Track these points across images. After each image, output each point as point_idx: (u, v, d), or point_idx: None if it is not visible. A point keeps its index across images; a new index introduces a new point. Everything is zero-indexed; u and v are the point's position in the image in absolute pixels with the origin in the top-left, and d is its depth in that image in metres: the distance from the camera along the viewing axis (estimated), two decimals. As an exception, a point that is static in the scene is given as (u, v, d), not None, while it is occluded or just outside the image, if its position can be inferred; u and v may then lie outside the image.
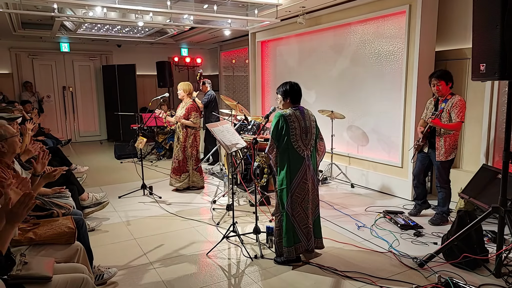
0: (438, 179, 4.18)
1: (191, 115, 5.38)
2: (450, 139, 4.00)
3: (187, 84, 5.55)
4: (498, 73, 2.65)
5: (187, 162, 5.48)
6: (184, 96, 5.50)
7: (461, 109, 3.91)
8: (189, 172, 5.51)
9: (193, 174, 5.54)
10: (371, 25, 5.64)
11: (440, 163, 4.08)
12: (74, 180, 4.35)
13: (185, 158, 5.48)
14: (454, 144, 4.04)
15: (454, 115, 3.93)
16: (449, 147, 4.01)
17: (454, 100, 3.97)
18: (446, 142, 4.01)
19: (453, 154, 4.06)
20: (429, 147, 4.17)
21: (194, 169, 5.49)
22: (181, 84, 5.54)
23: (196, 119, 5.39)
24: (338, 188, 5.78)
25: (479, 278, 3.00)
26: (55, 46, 10.04)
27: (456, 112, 3.91)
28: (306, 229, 3.26)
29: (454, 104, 3.94)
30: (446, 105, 4.00)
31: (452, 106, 3.95)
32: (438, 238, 3.74)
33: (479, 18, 2.80)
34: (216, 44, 11.07)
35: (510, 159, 2.82)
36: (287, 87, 3.28)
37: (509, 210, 2.85)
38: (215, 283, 3.02)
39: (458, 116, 3.91)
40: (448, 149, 4.02)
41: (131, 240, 3.89)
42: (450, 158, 4.05)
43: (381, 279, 3.02)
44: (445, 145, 4.01)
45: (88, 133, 10.94)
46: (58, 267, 2.11)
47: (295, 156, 3.19)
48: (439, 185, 4.17)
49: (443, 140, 4.01)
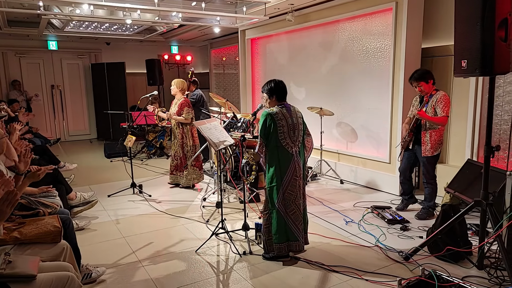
0: (424, 175, 4.23)
1: (183, 110, 5.37)
2: (436, 134, 4.06)
3: (182, 81, 5.56)
4: (479, 69, 2.70)
5: (186, 158, 5.50)
6: (176, 92, 5.50)
7: (445, 104, 3.99)
8: (188, 169, 5.52)
9: (193, 170, 5.53)
10: (359, 22, 5.68)
11: (426, 158, 4.13)
12: (61, 179, 4.33)
13: (185, 155, 5.51)
14: (439, 139, 4.09)
15: (439, 109, 3.99)
16: (435, 142, 4.07)
17: (438, 95, 4.04)
18: (432, 137, 4.07)
19: (438, 149, 4.11)
20: (415, 143, 4.23)
21: (191, 165, 5.48)
22: (175, 80, 5.55)
23: (188, 115, 5.36)
24: (327, 184, 5.83)
25: (462, 270, 3.06)
26: (43, 44, 9.94)
27: (441, 107, 3.98)
28: (301, 226, 3.29)
29: (439, 99, 4.01)
30: (431, 100, 4.07)
31: (436, 101, 4.02)
32: (424, 232, 3.80)
33: (461, 15, 2.84)
34: (206, 42, 11.04)
35: (492, 153, 2.88)
36: (272, 85, 3.30)
37: (491, 203, 2.91)
38: (204, 280, 3.04)
39: (443, 111, 3.98)
40: (434, 145, 4.07)
41: (120, 239, 3.89)
42: (436, 154, 4.11)
43: (367, 272, 3.07)
44: (431, 140, 4.07)
45: (78, 132, 10.86)
46: (43, 266, 2.11)
47: (284, 154, 3.22)
48: (426, 181, 4.23)
49: (429, 135, 4.07)
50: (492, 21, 2.62)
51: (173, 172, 5.65)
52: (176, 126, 5.51)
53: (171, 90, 5.57)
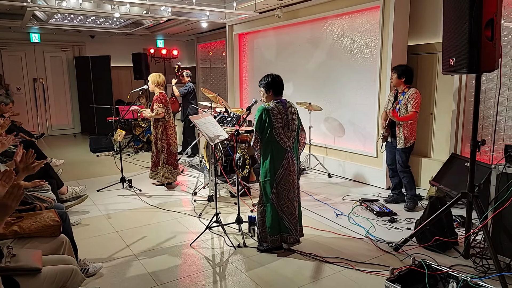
0: (400, 164, 4.47)
1: (154, 106, 5.18)
2: (408, 128, 4.34)
3: (156, 75, 5.32)
4: (466, 67, 2.82)
5: (159, 156, 5.33)
6: (153, 88, 5.27)
7: (416, 101, 4.26)
8: (160, 167, 5.33)
9: (164, 168, 5.30)
10: (347, 19, 5.78)
11: (401, 149, 4.40)
12: (53, 173, 4.30)
13: (158, 152, 5.33)
14: (412, 132, 4.37)
15: (410, 105, 4.27)
16: (408, 135, 4.35)
17: (410, 92, 4.32)
18: (405, 131, 4.34)
19: (411, 141, 4.38)
20: (392, 136, 4.52)
21: (164, 163, 5.28)
22: (150, 75, 5.32)
23: (158, 110, 5.10)
24: (316, 178, 5.94)
25: (449, 260, 3.20)
26: (25, 36, 9.70)
27: (412, 103, 4.25)
28: (294, 220, 3.36)
29: (410, 96, 4.29)
30: (403, 97, 4.33)
31: (408, 98, 4.30)
32: (412, 223, 3.94)
33: (449, 14, 2.95)
34: (192, 36, 10.98)
35: (478, 147, 3.01)
36: (269, 80, 3.34)
37: (476, 195, 3.05)
38: (200, 272, 3.09)
39: (413, 107, 4.25)
40: (406, 137, 4.35)
41: (113, 233, 3.89)
42: (409, 145, 4.38)
43: (359, 263, 3.18)
44: (404, 133, 4.34)
45: (61, 126, 10.68)
46: (47, 259, 2.13)
47: (278, 149, 3.28)
48: (402, 170, 4.48)
49: (402, 129, 4.35)
50: (479, 21, 2.73)
51: (152, 168, 5.47)
52: (152, 122, 5.38)
53: (149, 87, 5.32)
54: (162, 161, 5.28)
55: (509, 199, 2.79)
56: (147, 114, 5.31)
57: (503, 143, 4.47)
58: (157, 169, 5.39)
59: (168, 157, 5.29)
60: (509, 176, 2.85)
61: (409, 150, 4.42)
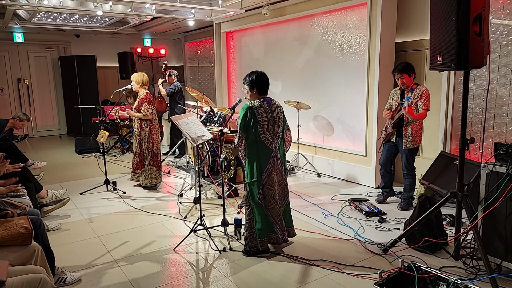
0: (405, 166, 4.33)
1: (141, 106, 5.03)
2: (416, 127, 4.20)
3: (140, 74, 5.17)
4: (454, 63, 2.74)
5: (144, 157, 5.18)
6: (137, 88, 5.14)
7: (426, 98, 4.11)
8: (145, 168, 5.19)
9: (150, 170, 5.18)
10: (334, 16, 5.70)
11: (408, 150, 4.25)
12: (30, 177, 4.14)
13: (142, 153, 5.17)
14: (419, 132, 4.24)
15: (420, 104, 4.10)
16: (416, 135, 4.21)
17: (420, 90, 4.14)
18: (413, 131, 4.20)
19: (418, 141, 4.25)
20: (397, 135, 4.34)
21: (149, 164, 5.15)
22: (134, 75, 5.18)
23: (147, 111, 4.99)
24: (305, 178, 5.85)
25: (439, 261, 3.13)
26: (8, 36, 9.45)
27: (423, 101, 4.09)
28: (280, 221, 3.28)
29: (421, 94, 4.11)
30: (412, 94, 4.17)
31: (419, 95, 4.12)
32: (401, 224, 3.87)
33: (436, 9, 2.87)
34: (180, 35, 10.83)
35: (467, 146, 2.94)
36: (254, 77, 3.23)
37: (466, 194, 2.98)
38: (183, 279, 2.97)
39: (424, 105, 4.09)
40: (414, 137, 4.21)
41: (94, 238, 3.76)
42: (416, 146, 4.24)
43: (347, 266, 3.09)
44: (412, 133, 4.20)
45: (46, 127, 10.45)
46: (13, 270, 2.00)
47: (263, 148, 3.18)
48: (406, 172, 4.34)
49: (411, 128, 4.20)
50: (467, 16, 2.66)
51: (134, 170, 5.30)
52: (135, 122, 5.20)
53: (132, 87, 5.17)
54: (148, 162, 5.15)
55: (499, 198, 2.72)
56: (135, 114, 5.14)
57: (492, 141, 4.42)
58: (140, 171, 5.23)
59: (152, 158, 5.17)
60: (499, 175, 2.79)
61: (416, 152, 4.30)
